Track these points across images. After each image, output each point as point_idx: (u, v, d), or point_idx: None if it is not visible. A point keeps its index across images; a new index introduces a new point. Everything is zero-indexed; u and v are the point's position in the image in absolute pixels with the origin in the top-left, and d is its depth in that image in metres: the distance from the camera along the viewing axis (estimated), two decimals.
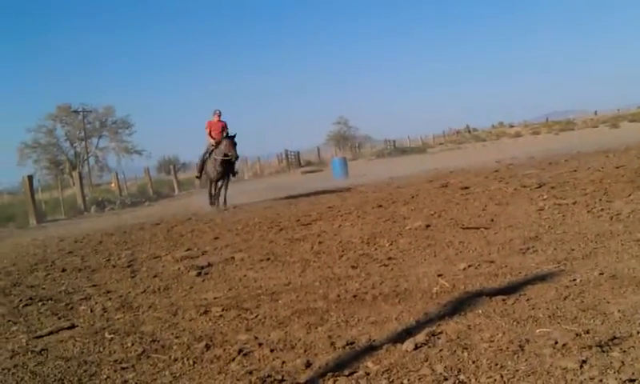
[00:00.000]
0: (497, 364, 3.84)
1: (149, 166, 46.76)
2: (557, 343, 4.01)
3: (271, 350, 4.64)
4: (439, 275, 6.30)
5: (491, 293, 5.38)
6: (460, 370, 3.82)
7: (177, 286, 7.51)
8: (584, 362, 3.67)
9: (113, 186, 38.79)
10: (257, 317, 5.64)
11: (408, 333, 4.63)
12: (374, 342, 4.57)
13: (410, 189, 16.59)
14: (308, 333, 5.01)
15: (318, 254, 8.34)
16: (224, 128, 19.24)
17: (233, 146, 18.71)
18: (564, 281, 5.53)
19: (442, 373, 3.80)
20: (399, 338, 4.54)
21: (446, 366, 3.89)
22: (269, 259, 8.43)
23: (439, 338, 4.44)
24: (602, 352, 3.80)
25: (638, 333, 4.05)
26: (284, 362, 4.36)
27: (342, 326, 5.09)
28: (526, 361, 3.83)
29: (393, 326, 4.89)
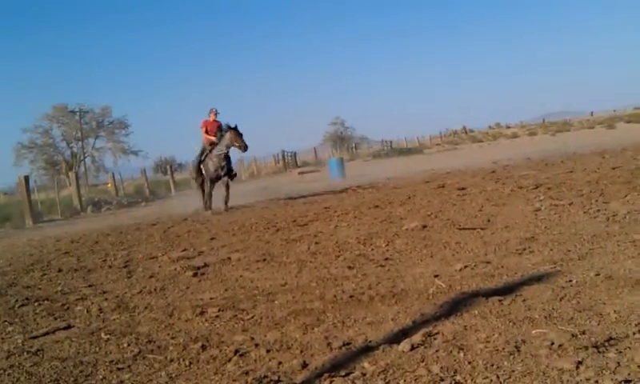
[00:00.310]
0: (493, 365, 3.84)
1: (145, 167, 46.80)
2: (553, 344, 4.02)
3: (267, 351, 4.64)
4: (435, 276, 6.31)
5: (487, 293, 5.39)
6: (456, 371, 3.82)
7: (173, 286, 7.51)
8: (580, 362, 3.68)
9: (109, 186, 38.76)
10: (253, 317, 5.64)
11: (404, 333, 4.63)
12: (370, 342, 4.57)
13: (407, 189, 16.61)
14: (304, 333, 5.00)
15: (314, 255, 8.34)
16: (220, 128, 18.24)
17: (240, 136, 17.74)
18: (560, 281, 5.53)
19: (438, 373, 3.80)
20: (395, 338, 4.54)
21: (442, 367, 3.89)
22: (265, 260, 8.42)
23: (435, 338, 4.44)
24: (598, 353, 3.80)
25: (633, 334, 4.06)
26: (280, 362, 4.36)
27: (339, 327, 5.08)
28: (522, 361, 3.83)
29: (389, 327, 4.89)
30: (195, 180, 19.58)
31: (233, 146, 17.84)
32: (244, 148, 17.97)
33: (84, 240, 13.99)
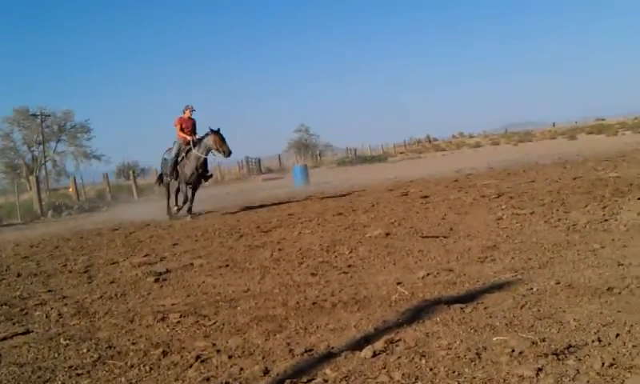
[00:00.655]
0: (454, 371, 3.86)
1: (107, 171, 46.35)
2: (513, 351, 4.05)
3: (229, 357, 4.62)
4: (398, 283, 6.33)
5: (449, 301, 5.42)
6: (417, 378, 3.84)
7: (134, 292, 7.44)
8: (540, 369, 3.71)
9: (70, 190, 38.26)
10: (215, 323, 5.61)
11: (366, 340, 4.64)
12: (332, 349, 4.57)
13: (371, 197, 16.65)
14: (266, 340, 4.99)
15: (277, 261, 8.32)
16: (194, 126, 17.30)
17: (224, 141, 16.63)
18: (521, 290, 5.59)
19: (399, 380, 3.82)
20: (358, 345, 4.55)
21: (403, 374, 3.90)
22: (228, 266, 8.39)
23: (397, 345, 4.45)
24: (558, 360, 3.84)
25: (593, 341, 4.11)
26: (242, 368, 4.34)
27: (301, 333, 5.08)
28: (483, 368, 3.86)
29: (351, 334, 4.90)
30: (162, 180, 18.64)
31: (215, 150, 16.84)
32: (227, 153, 16.90)
33: (44, 244, 13.79)
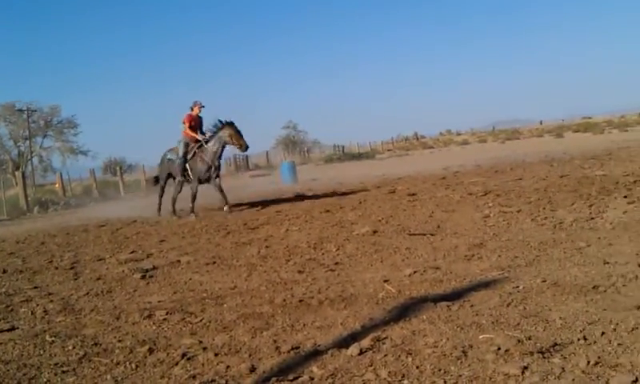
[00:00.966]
0: (440, 369, 3.87)
1: (94, 167, 46.06)
2: (499, 349, 4.06)
3: (215, 354, 4.61)
4: (385, 281, 6.34)
5: (436, 299, 5.43)
6: (404, 376, 3.84)
7: (120, 288, 7.40)
8: (525, 367, 3.72)
9: (57, 186, 38.04)
10: (201, 321, 5.60)
11: (353, 338, 4.64)
12: (319, 346, 4.57)
13: (358, 194, 16.65)
14: (253, 337, 4.98)
15: (264, 258, 8.31)
16: (202, 124, 16.34)
17: (240, 134, 15.65)
18: (507, 288, 5.61)
19: (386, 378, 3.82)
20: (344, 342, 4.55)
21: (390, 371, 3.90)
22: (215, 263, 8.37)
23: (384, 343, 4.46)
24: (544, 358, 3.86)
25: (578, 340, 4.13)
26: (228, 366, 4.33)
27: (288, 331, 5.07)
28: (469, 366, 3.87)
29: (338, 331, 4.90)
30: (157, 181, 17.85)
31: (230, 145, 15.89)
32: (245, 147, 16.02)
33: (30, 241, 13.69)
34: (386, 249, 8.12)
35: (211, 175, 16.06)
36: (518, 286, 5.61)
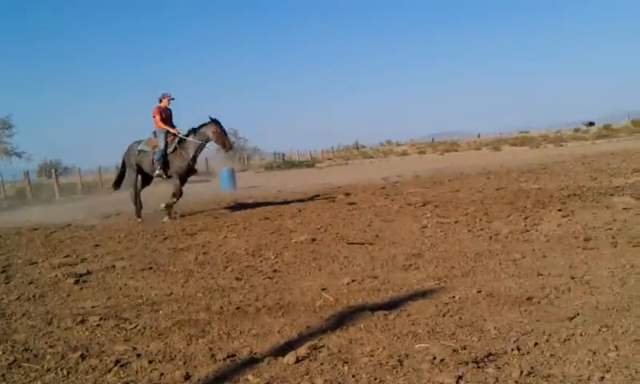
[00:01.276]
0: (376, 378, 3.87)
1: (28, 169, 45.03)
2: (435, 358, 4.09)
3: (149, 362, 4.53)
4: (323, 289, 6.33)
5: (373, 308, 5.45)
6: None
7: (53, 293, 7.24)
8: (460, 377, 3.76)
9: None
10: (136, 327, 5.51)
11: (290, 346, 4.62)
12: (255, 354, 4.54)
13: (298, 202, 16.64)
14: (188, 344, 4.92)
15: (202, 265, 8.23)
16: (171, 116, 15.53)
17: (225, 133, 15.30)
18: (444, 298, 5.66)
19: None
20: (281, 351, 4.53)
21: (326, 380, 3.89)
22: (151, 268, 8.25)
23: (320, 351, 4.45)
24: (478, 368, 3.90)
25: (512, 350, 4.18)
26: (162, 373, 4.27)
27: (224, 338, 5.03)
28: (405, 375, 3.88)
29: (275, 339, 4.87)
30: (117, 187, 17.06)
31: (213, 142, 15.31)
32: (229, 147, 15.64)
33: None
34: (325, 257, 8.12)
35: (190, 171, 15.50)
36: (454, 296, 5.67)
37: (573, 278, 6.02)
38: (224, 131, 15.32)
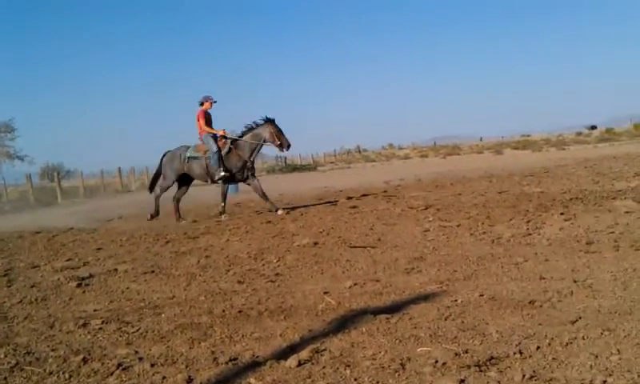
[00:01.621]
0: (378, 382, 3.87)
1: (31, 173, 45.05)
2: (437, 362, 4.09)
3: (152, 365, 4.53)
4: (325, 293, 6.33)
5: (375, 311, 5.45)
6: None
7: (55, 296, 7.24)
8: (462, 381, 3.75)
9: None
10: (138, 330, 5.51)
11: (292, 349, 4.62)
12: (257, 358, 4.54)
13: (300, 206, 16.63)
14: (191, 348, 4.92)
15: (204, 268, 8.23)
16: (212, 120, 15.30)
17: (281, 132, 14.98)
18: (446, 301, 5.65)
19: None
20: (283, 354, 4.53)
21: (328, 383, 3.89)
22: (153, 272, 8.25)
23: (323, 355, 4.45)
24: (480, 372, 3.89)
25: (514, 354, 4.18)
26: (164, 377, 4.27)
27: (226, 342, 5.03)
28: (407, 379, 3.88)
29: (277, 343, 4.88)
30: (154, 187, 16.48)
31: (270, 144, 15.11)
32: (287, 146, 15.22)
33: None
34: (327, 261, 8.12)
35: (246, 174, 15.33)
36: (456, 300, 5.67)
37: (575, 281, 6.02)
38: (280, 130, 15.05)
